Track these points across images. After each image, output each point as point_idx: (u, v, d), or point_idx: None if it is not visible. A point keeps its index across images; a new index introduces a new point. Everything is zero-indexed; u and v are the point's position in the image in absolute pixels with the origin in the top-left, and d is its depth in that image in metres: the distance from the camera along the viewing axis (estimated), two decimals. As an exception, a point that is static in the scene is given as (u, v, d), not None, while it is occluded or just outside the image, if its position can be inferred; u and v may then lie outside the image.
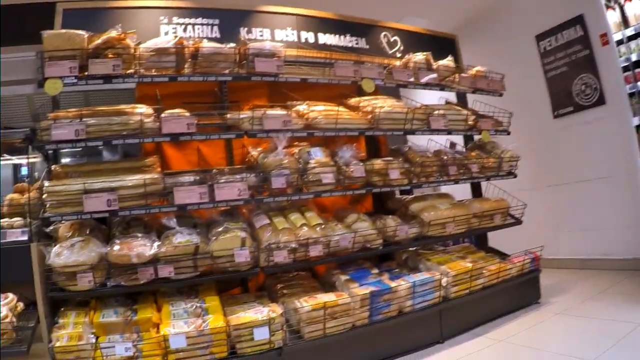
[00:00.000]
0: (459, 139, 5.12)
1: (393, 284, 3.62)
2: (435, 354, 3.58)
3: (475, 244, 4.84)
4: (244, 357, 3.08)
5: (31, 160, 3.75)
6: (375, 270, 3.81)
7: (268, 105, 3.63)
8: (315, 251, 3.36)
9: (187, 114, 3.28)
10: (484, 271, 4.11)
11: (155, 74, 3.37)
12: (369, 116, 3.95)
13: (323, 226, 3.53)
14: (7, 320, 2.94)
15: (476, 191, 5.08)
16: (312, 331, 3.26)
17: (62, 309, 3.10)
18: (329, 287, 3.61)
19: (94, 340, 2.93)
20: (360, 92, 4.18)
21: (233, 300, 3.37)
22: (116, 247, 3.04)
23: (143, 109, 3.29)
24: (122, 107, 3.31)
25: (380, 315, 3.53)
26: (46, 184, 3.08)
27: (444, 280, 3.84)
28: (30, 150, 3.59)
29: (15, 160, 4.00)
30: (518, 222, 4.74)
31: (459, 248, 4.59)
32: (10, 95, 5.06)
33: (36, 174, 3.67)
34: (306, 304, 3.26)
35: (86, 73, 3.19)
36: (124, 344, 2.92)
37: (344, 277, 3.62)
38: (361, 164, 3.79)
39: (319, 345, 3.28)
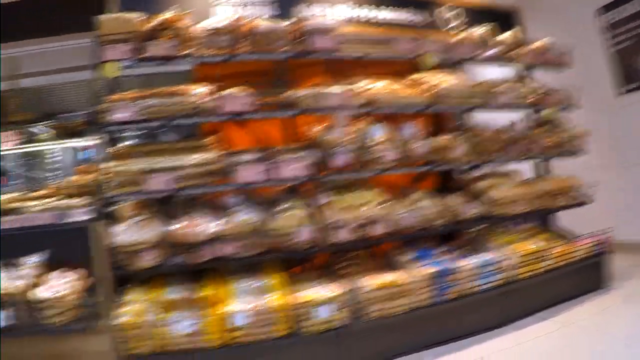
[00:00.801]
0: (522, 116, 4.91)
1: (457, 265, 3.52)
2: (499, 337, 3.46)
3: (541, 224, 4.64)
4: (306, 336, 3.08)
5: (91, 142, 3.83)
6: (439, 250, 3.71)
7: (327, 83, 3.57)
8: (377, 230, 3.29)
9: (246, 92, 3.26)
10: (550, 253, 3.94)
11: (212, 53, 3.36)
12: (430, 93, 3.83)
13: (385, 204, 3.46)
14: (72, 297, 3.04)
15: (541, 170, 4.87)
16: (375, 311, 3.21)
17: (126, 286, 3.15)
18: (391, 266, 3.53)
19: (156, 317, 2.99)
20: (419, 69, 4.05)
21: (295, 278, 3.35)
22: (178, 226, 3.06)
23: (202, 88, 3.29)
24: (181, 87, 3.32)
25: (444, 296, 3.43)
26: (108, 164, 3.13)
27: (509, 262, 3.70)
28: (90, 133, 3.67)
29: (76, 143, 4.10)
30: (586, 202, 4.51)
31: (524, 228, 4.42)
32: (67, 82, 5.20)
33: (97, 156, 3.72)
34: (369, 283, 3.21)
35: (143, 55, 3.23)
36: (186, 320, 2.97)
37: (406, 257, 3.54)
38: (423, 141, 3.68)
39: (381, 326, 3.22)
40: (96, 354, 2.97)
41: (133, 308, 2.99)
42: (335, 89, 3.49)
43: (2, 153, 4.08)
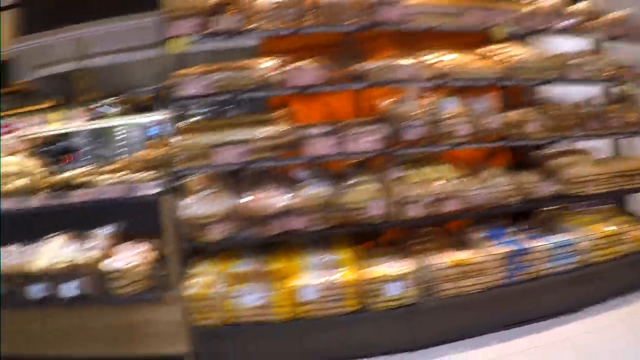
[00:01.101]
0: (598, 91, 4.63)
1: (530, 245, 3.36)
2: (572, 323, 3.30)
3: (618, 206, 4.38)
4: (375, 312, 3.02)
5: (159, 118, 3.86)
6: (511, 229, 3.55)
7: (397, 55, 3.45)
8: (449, 206, 3.18)
9: (315, 65, 3.19)
10: (628, 236, 3.71)
11: (278, 26, 3.31)
12: (503, 65, 3.65)
13: (458, 180, 3.33)
14: (142, 268, 3.07)
15: (619, 148, 4.59)
16: (446, 289, 3.12)
17: (194, 258, 3.18)
18: (462, 244, 3.42)
19: (225, 290, 3.00)
20: (491, 41, 3.87)
21: (365, 253, 3.29)
22: (248, 199, 3.05)
23: (270, 62, 3.25)
24: (248, 61, 3.29)
25: (516, 277, 3.29)
26: (177, 139, 3.14)
27: (584, 244, 3.51)
28: (158, 108, 3.70)
29: (143, 119, 4.15)
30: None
31: (601, 209, 4.18)
32: (134, 61, 5.27)
33: (165, 131, 3.75)
34: (441, 260, 3.11)
35: (209, 30, 3.20)
36: (255, 293, 2.96)
37: (478, 235, 3.41)
38: (497, 115, 3.52)
39: (452, 305, 3.13)
40: (165, 325, 3.01)
41: (202, 280, 3.01)
42: (406, 61, 3.37)
43: (72, 130, 4.17)
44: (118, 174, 3.31)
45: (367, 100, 3.61)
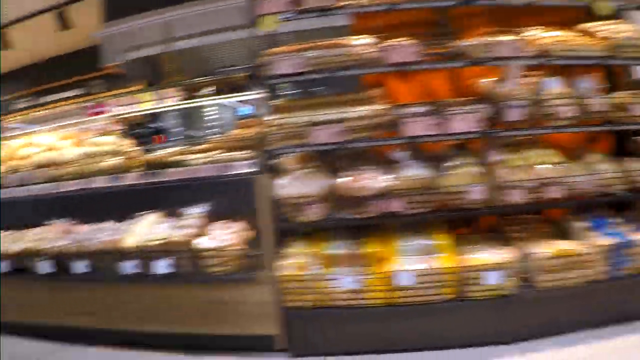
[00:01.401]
0: None
1: (636, 237, 3.13)
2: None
3: None
4: (471, 301, 2.89)
5: (249, 98, 3.83)
6: (615, 220, 3.33)
7: (494, 32, 3.26)
8: (553, 192, 2.99)
9: (413, 42, 3.05)
10: None
11: (371, 3, 3.18)
12: (608, 43, 3.39)
13: (561, 165, 3.13)
14: (235, 248, 3.05)
15: None
16: (546, 280, 2.94)
17: (288, 239, 3.13)
18: (563, 234, 3.23)
19: (318, 271, 2.94)
20: (593, 17, 3.61)
21: (461, 240, 3.15)
22: (344, 180, 2.96)
23: (364, 40, 3.14)
24: (342, 39, 3.19)
25: (620, 271, 3.08)
26: (272, 117, 3.09)
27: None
28: (249, 88, 3.67)
29: (233, 99, 4.13)
30: None
31: None
32: (222, 42, 5.22)
33: (257, 110, 3.69)
34: (543, 250, 2.94)
35: (301, 7, 3.12)
36: (349, 276, 2.88)
37: (581, 225, 3.21)
38: (602, 97, 3.28)
39: (552, 297, 2.95)
40: (256, 305, 2.99)
41: (295, 261, 2.97)
42: (506, 38, 3.18)
43: (162, 111, 4.22)
44: (211, 154, 3.30)
45: (464, 79, 3.45)
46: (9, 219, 3.62)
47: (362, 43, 3.07)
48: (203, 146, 3.54)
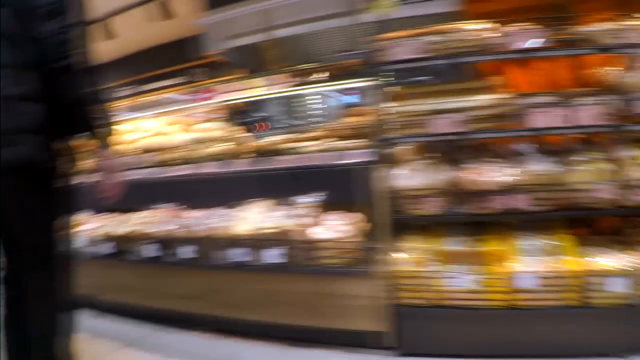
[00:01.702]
0: None
1: None
2: None
3: None
4: (594, 308, 2.68)
5: (357, 85, 3.70)
6: None
7: (623, 16, 3.01)
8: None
9: (537, 28, 2.85)
10: None
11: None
12: None
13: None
14: (347, 240, 2.95)
15: None
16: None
17: (403, 232, 2.99)
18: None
19: (433, 268, 2.81)
20: None
21: (583, 241, 2.96)
22: (465, 172, 2.81)
23: (485, 24, 2.96)
24: (460, 24, 3.01)
25: None
26: (386, 105, 2.96)
27: None
28: (358, 75, 3.54)
29: (340, 86, 4.02)
30: None
31: None
32: (323, 30, 5.08)
33: (368, 98, 3.54)
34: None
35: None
36: (467, 275, 2.74)
37: None
38: None
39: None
40: (366, 300, 2.88)
41: (408, 256, 2.85)
42: (635, 23, 2.93)
43: (265, 98, 4.17)
44: (322, 142, 3.20)
45: (586, 67, 3.22)
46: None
47: (482, 28, 2.89)
48: (313, 134, 3.44)
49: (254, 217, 3.11)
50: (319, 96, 5.18)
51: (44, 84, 2.06)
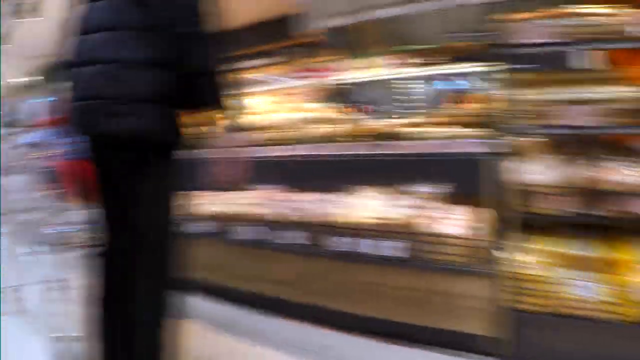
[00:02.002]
0: None
1: None
2: None
3: None
4: None
5: (477, 69, 3.45)
6: None
7: None
8: None
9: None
10: None
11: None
12: None
13: None
14: (462, 235, 2.75)
15: None
16: None
17: (526, 232, 2.74)
18: None
19: (557, 274, 2.56)
20: None
21: None
22: (601, 171, 2.55)
23: (626, 10, 2.66)
24: (597, 8, 2.73)
25: None
26: (509, 92, 2.71)
27: None
28: (475, 58, 3.31)
29: (456, 69, 3.80)
30: None
31: None
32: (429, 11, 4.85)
33: (486, 84, 3.28)
34: None
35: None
36: (595, 284, 2.47)
37: None
38: None
39: None
40: (480, 301, 2.68)
41: (530, 258, 2.62)
42: None
43: (368, 80, 4.02)
44: (440, 128, 3.00)
45: None
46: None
47: (620, 13, 2.59)
48: (428, 119, 3.23)
49: (363, 205, 2.96)
50: (430, 80, 4.91)
51: (168, 50, 1.90)
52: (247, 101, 4.22)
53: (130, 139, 1.94)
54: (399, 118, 3.42)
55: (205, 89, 1.99)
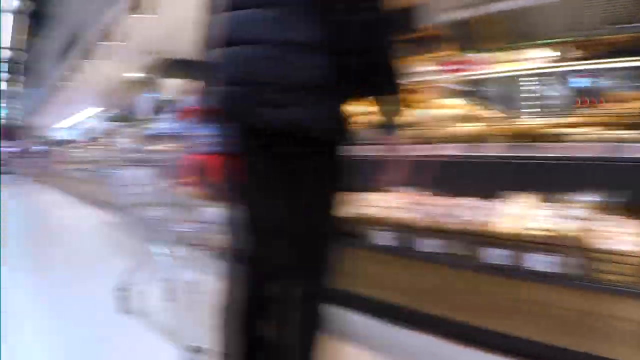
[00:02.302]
0: None
1: None
2: None
3: None
4: None
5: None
6: None
7: None
8: None
9: None
10: None
11: None
12: None
13: None
14: (633, 253, 2.31)
15: None
16: None
17: None
18: None
19: None
20: None
21: None
22: None
23: None
24: None
25: None
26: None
27: None
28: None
29: (615, 63, 3.40)
30: None
31: None
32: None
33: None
34: None
35: None
36: None
37: None
38: None
39: None
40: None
41: None
42: None
43: (519, 74, 3.71)
44: (594, 129, 2.63)
45: None
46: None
47: None
48: (578, 119, 2.85)
49: (518, 214, 2.64)
50: (575, 76, 4.46)
51: (332, 32, 1.65)
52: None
53: (281, 133, 1.69)
54: (555, 117, 3.04)
55: (382, 77, 1.75)
